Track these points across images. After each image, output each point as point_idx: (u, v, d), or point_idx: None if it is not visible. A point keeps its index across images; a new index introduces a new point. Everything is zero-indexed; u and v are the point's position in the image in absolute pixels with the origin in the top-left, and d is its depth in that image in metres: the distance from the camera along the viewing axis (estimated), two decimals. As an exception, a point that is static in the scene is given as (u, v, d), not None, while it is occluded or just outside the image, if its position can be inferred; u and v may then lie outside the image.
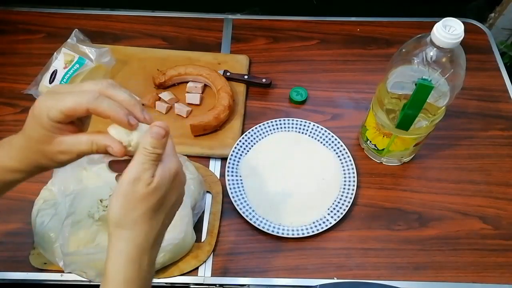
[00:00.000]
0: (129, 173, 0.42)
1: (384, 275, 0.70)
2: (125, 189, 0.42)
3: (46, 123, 0.42)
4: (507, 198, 0.78)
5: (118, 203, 0.42)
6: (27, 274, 0.68)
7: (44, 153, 0.44)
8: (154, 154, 0.42)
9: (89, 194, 0.69)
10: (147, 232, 0.44)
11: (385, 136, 0.74)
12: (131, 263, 0.43)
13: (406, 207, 0.77)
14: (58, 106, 0.41)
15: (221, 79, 0.85)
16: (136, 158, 0.42)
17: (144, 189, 0.42)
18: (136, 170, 0.42)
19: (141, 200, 0.42)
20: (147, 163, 0.42)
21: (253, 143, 0.82)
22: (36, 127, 0.43)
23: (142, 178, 0.42)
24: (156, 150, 0.42)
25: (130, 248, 0.43)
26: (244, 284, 0.69)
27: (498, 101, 0.90)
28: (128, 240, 0.43)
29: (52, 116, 0.41)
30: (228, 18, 1.01)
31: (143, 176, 0.42)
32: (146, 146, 0.42)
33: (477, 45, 0.98)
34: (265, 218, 0.74)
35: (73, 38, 0.86)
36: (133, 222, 0.43)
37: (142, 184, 0.42)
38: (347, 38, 0.99)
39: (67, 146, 0.43)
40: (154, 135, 0.42)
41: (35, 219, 0.67)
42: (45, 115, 0.41)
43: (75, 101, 0.41)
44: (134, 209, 0.42)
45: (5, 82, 0.89)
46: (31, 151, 0.44)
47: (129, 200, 0.42)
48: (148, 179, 0.42)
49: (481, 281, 0.70)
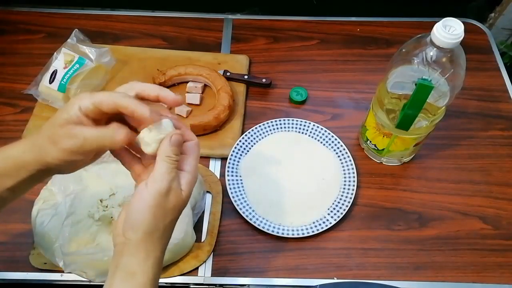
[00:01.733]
0: (160, 184, 0.43)
1: (384, 275, 0.70)
2: (158, 201, 0.44)
3: (73, 111, 0.43)
4: (507, 198, 0.78)
5: (150, 214, 0.44)
6: (27, 274, 0.68)
7: (52, 134, 0.44)
8: (176, 162, 0.45)
9: (89, 194, 0.69)
10: (169, 237, 0.47)
11: (385, 136, 0.74)
12: (158, 265, 0.46)
13: (406, 207, 0.77)
14: (92, 98, 0.43)
15: (221, 79, 0.85)
16: (160, 168, 0.44)
17: (175, 199, 0.45)
18: (166, 180, 0.44)
19: (172, 210, 0.45)
20: (173, 172, 0.44)
21: (253, 143, 0.82)
22: (62, 113, 0.44)
23: (172, 187, 0.44)
24: (177, 157, 0.45)
25: (159, 252, 0.46)
26: (244, 284, 0.69)
27: (498, 101, 0.90)
28: (159, 245, 0.45)
29: (82, 105, 0.43)
30: (228, 18, 1.01)
31: (173, 185, 0.44)
32: (170, 155, 0.44)
33: (477, 45, 0.98)
34: (265, 218, 0.74)
35: (73, 38, 0.86)
36: (164, 229, 0.45)
37: (174, 194, 0.44)
38: (347, 38, 0.99)
39: (75, 131, 0.44)
40: (175, 143, 0.44)
41: (35, 219, 0.67)
42: (77, 104, 0.43)
43: (108, 95, 0.43)
44: (165, 218, 0.45)
45: (5, 82, 0.89)
46: (42, 136, 0.45)
47: (162, 210, 0.44)
48: (177, 189, 0.45)
49: (481, 281, 0.70)
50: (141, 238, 0.44)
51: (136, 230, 0.44)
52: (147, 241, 0.44)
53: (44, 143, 0.44)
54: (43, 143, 0.44)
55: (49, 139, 0.44)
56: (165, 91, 0.46)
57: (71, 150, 0.44)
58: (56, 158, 0.44)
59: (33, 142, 0.45)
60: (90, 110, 0.43)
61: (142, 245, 0.44)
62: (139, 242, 0.44)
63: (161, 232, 0.45)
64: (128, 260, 0.44)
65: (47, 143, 0.44)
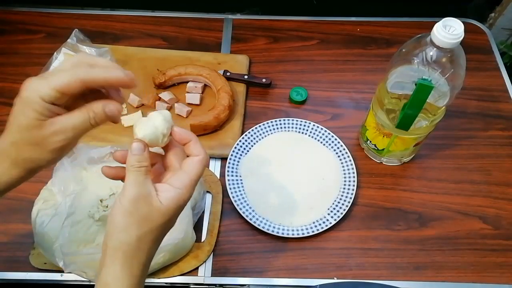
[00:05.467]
0: (126, 192, 0.42)
1: (384, 275, 0.70)
2: (126, 208, 0.42)
3: (38, 105, 0.39)
4: (507, 198, 0.78)
5: (120, 222, 0.42)
6: (27, 274, 0.68)
7: (35, 141, 0.41)
8: (143, 168, 0.42)
9: (89, 194, 0.69)
10: (148, 253, 0.44)
11: (385, 136, 0.74)
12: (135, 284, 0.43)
13: (406, 207, 0.77)
14: (51, 84, 0.39)
15: (221, 79, 0.85)
16: (127, 177, 0.42)
17: (146, 208, 0.42)
18: (132, 188, 0.42)
19: (145, 219, 0.42)
20: (139, 180, 0.42)
21: (253, 143, 0.82)
22: (26, 111, 0.40)
23: (141, 196, 0.42)
24: (143, 164, 0.43)
25: (135, 269, 0.43)
26: (244, 284, 0.69)
27: (498, 101, 0.90)
28: (135, 260, 0.43)
29: (45, 95, 0.39)
30: (228, 18, 1.01)
31: (142, 193, 0.42)
32: (133, 164, 0.42)
33: (477, 45, 0.98)
34: (265, 218, 0.74)
35: (73, 38, 0.86)
36: (138, 240, 0.42)
37: (144, 203, 0.42)
38: (347, 38, 0.99)
39: (60, 124, 0.41)
40: (135, 151, 0.43)
41: (35, 219, 0.67)
42: (36, 96, 0.39)
43: (69, 75, 0.39)
44: (138, 227, 0.42)
45: (5, 82, 0.89)
46: (20, 145, 0.41)
47: (132, 218, 0.42)
48: (149, 198, 0.42)
49: (481, 281, 0.70)
50: (116, 247, 0.42)
51: (110, 237, 0.42)
52: (123, 253, 0.42)
53: (30, 153, 0.41)
54: (29, 154, 0.41)
55: (33, 146, 0.41)
56: (113, 70, 0.41)
57: (61, 147, 0.42)
58: (46, 160, 0.42)
59: (16, 157, 0.42)
60: (56, 97, 0.39)
61: (118, 256, 0.42)
62: (115, 252, 0.42)
63: (135, 243, 0.42)
64: (104, 271, 0.42)
65: (33, 151, 0.41)
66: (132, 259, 0.42)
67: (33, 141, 0.41)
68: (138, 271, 0.43)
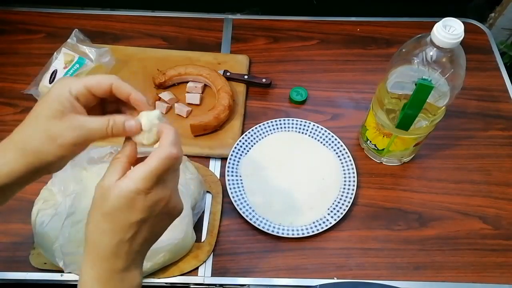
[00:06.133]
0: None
1: (384, 275, 0.70)
2: (94, 204, 0.42)
3: (64, 97, 0.40)
4: (507, 198, 0.78)
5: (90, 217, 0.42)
6: (27, 274, 0.68)
7: (49, 132, 0.40)
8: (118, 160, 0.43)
9: (89, 194, 0.68)
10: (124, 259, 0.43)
11: (385, 136, 0.74)
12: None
13: (406, 207, 0.77)
14: (82, 81, 0.41)
15: (221, 79, 0.85)
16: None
17: (100, 190, 0.41)
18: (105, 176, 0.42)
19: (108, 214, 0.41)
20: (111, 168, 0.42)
21: (253, 143, 0.82)
22: (51, 102, 0.41)
23: (108, 181, 0.41)
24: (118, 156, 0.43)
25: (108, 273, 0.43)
26: (244, 284, 0.69)
27: (498, 101, 0.90)
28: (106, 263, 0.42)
29: (73, 88, 0.41)
30: (228, 18, 1.01)
31: (110, 179, 0.41)
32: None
33: (477, 45, 0.98)
34: (265, 218, 0.74)
35: (73, 38, 0.86)
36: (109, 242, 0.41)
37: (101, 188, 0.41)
38: (347, 38, 0.99)
39: (78, 121, 0.41)
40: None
41: (35, 219, 0.67)
42: (65, 88, 0.41)
43: (101, 77, 0.42)
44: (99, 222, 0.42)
45: (5, 82, 0.89)
46: (33, 134, 0.41)
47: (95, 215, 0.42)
48: (111, 182, 0.41)
49: (481, 281, 0.70)
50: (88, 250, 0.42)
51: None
52: (86, 243, 0.42)
53: (40, 144, 0.41)
54: (38, 145, 0.41)
55: (46, 137, 0.40)
56: (138, 93, 0.44)
57: (74, 144, 0.41)
58: (53, 155, 0.41)
59: (24, 147, 0.41)
60: (82, 94, 0.41)
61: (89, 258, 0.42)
62: (87, 254, 0.42)
63: (89, 226, 0.42)
64: (82, 272, 0.42)
65: (44, 142, 0.40)
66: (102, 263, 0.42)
67: (47, 132, 0.41)
68: (98, 261, 0.42)
